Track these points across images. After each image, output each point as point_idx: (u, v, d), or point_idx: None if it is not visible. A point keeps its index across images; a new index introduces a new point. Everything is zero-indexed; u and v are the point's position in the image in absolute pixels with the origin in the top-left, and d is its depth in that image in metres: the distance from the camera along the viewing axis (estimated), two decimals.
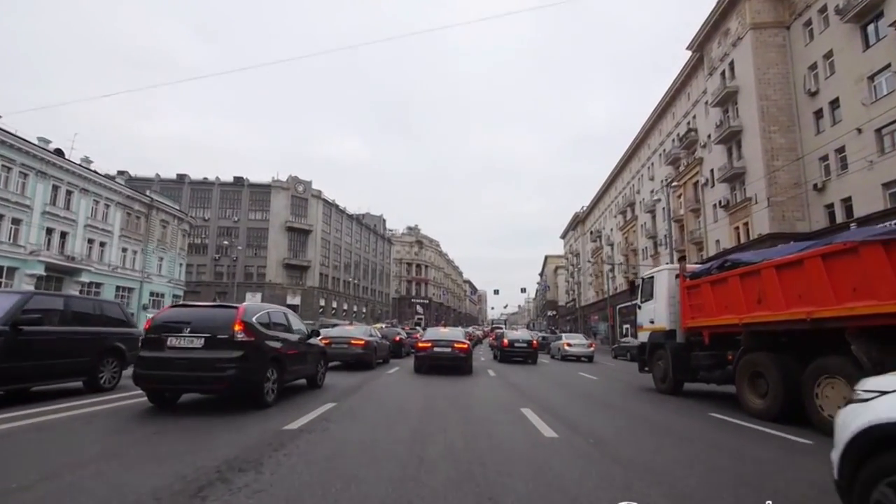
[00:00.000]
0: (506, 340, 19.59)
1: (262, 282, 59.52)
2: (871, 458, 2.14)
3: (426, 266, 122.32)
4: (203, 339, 6.04)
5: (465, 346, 13.79)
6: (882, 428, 2.08)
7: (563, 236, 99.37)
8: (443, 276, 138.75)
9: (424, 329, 27.50)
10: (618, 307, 53.88)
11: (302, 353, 8.29)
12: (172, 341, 6.04)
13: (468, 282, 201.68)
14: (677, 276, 10.13)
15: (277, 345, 7.18)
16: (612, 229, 59.47)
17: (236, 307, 6.67)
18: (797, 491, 3.79)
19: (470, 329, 41.21)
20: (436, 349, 13.49)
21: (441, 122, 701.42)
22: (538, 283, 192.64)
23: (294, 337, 8.07)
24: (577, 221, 79.99)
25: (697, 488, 3.75)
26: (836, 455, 2.34)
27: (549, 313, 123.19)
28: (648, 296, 11.22)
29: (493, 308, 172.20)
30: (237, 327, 6.19)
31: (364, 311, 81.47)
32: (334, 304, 69.87)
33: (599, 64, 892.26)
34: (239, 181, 61.33)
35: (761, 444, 5.69)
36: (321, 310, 65.81)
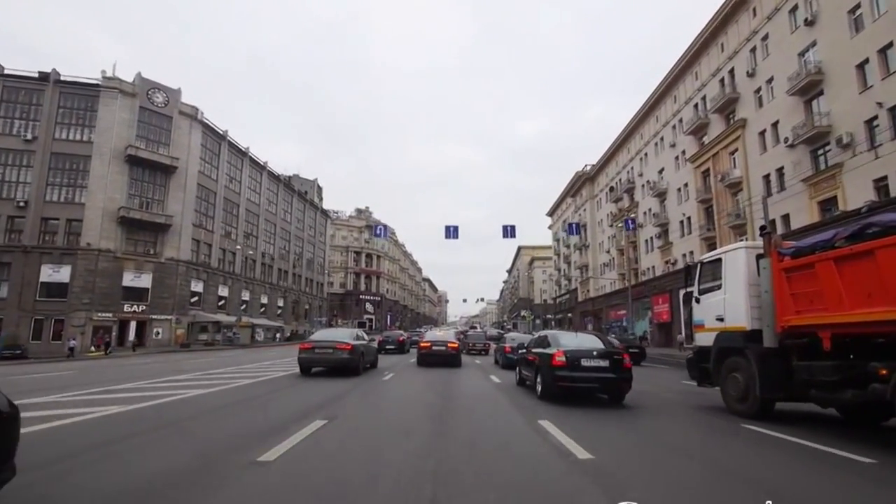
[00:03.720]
0: (559, 355, 8.87)
1: (75, 246, 33.99)
2: None
3: (378, 256, 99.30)
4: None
5: (456, 344, 17.21)
6: None
7: (552, 213, 78.07)
8: (398, 269, 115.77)
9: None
10: (682, 293, 33.15)
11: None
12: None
13: (427, 280, 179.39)
14: (761, 256, 7.31)
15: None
16: (662, 169, 37.88)
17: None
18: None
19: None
20: (434, 348, 16.70)
21: (380, 137, 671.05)
22: (505, 282, 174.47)
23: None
24: (581, 182, 58.48)
25: None
26: None
27: (523, 313, 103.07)
28: (711, 284, 8.44)
29: (465, 301, 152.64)
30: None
31: (281, 304, 56.61)
32: (224, 293, 44.79)
33: (528, 88, 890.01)
34: (43, 77, 35.63)
35: None
36: (195, 298, 40.74)
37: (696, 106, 32.28)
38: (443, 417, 6.83)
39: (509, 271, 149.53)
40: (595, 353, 8.87)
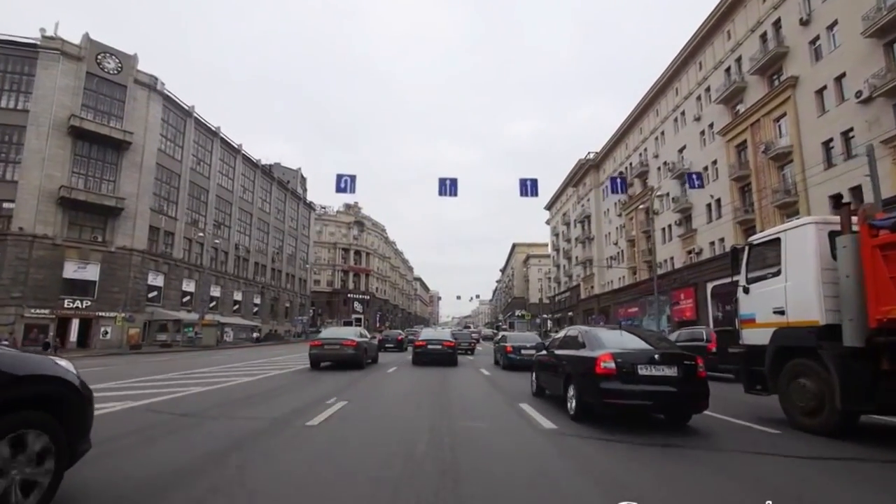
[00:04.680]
0: (605, 360, 6.36)
1: (5, 231, 29.02)
2: None
3: (367, 254, 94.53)
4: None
5: (452, 343, 17.10)
6: None
7: (550, 206, 73.86)
8: (389, 267, 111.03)
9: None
10: (711, 287, 28.92)
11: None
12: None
13: (419, 279, 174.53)
14: (836, 233, 5.95)
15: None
16: (684, 147, 33.61)
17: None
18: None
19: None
20: (429, 346, 16.69)
21: (375, 136, 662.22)
22: (498, 281, 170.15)
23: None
24: (585, 171, 54.25)
25: None
26: None
27: (518, 313, 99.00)
28: (766, 270, 6.99)
29: (458, 298, 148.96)
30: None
31: (257, 302, 51.66)
32: (189, 288, 39.88)
33: (521, 90, 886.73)
34: None
35: None
36: (154, 293, 35.82)
37: (727, 70, 28.01)
38: None
39: (503, 270, 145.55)
40: (657, 356, 6.36)
